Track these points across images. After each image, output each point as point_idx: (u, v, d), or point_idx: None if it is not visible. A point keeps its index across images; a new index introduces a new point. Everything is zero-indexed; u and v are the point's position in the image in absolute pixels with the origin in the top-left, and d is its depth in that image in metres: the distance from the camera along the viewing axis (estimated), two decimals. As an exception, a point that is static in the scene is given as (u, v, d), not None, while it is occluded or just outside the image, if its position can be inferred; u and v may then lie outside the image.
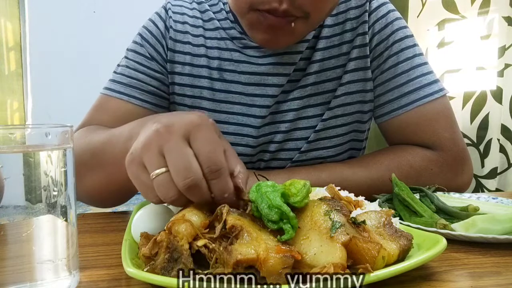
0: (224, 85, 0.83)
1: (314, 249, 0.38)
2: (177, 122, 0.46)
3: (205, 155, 0.45)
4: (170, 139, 0.45)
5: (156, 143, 0.45)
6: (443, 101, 0.82)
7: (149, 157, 0.45)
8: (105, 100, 0.83)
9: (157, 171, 0.45)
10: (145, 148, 0.46)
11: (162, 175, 0.44)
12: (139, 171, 0.47)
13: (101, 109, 0.83)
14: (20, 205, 0.37)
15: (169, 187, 0.44)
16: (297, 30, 0.72)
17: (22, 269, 0.37)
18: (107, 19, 2.55)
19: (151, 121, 0.49)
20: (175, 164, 0.44)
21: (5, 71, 2.64)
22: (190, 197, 0.45)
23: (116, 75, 0.84)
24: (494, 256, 0.48)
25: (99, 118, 0.81)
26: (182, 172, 0.44)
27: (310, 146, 0.84)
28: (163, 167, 0.45)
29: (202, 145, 0.45)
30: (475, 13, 1.84)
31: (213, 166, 0.44)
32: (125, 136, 0.57)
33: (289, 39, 0.75)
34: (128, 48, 0.86)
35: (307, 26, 0.73)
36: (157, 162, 0.45)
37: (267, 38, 0.73)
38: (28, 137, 0.39)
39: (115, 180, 0.63)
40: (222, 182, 0.45)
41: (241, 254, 0.37)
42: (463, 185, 0.82)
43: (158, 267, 0.39)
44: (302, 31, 0.74)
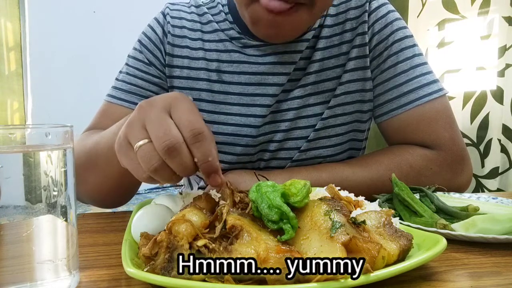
0: (222, 86, 0.83)
1: (314, 249, 0.38)
2: (158, 98, 0.49)
3: (186, 120, 0.46)
4: (151, 111, 0.47)
5: (138, 118, 0.47)
6: (443, 101, 0.82)
7: (132, 132, 0.47)
8: (108, 107, 0.85)
9: (139, 142, 0.46)
10: (128, 126, 0.48)
11: (144, 145, 0.46)
12: (127, 150, 0.48)
13: (104, 115, 0.85)
14: (20, 205, 0.37)
15: (151, 155, 0.45)
16: (301, 20, 0.72)
17: (22, 269, 0.37)
18: (107, 19, 2.55)
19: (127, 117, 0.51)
20: (156, 131, 0.45)
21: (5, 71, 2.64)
22: (171, 164, 0.45)
23: (117, 82, 0.86)
24: (494, 256, 0.48)
25: (102, 124, 0.83)
26: (161, 137, 0.45)
27: (309, 145, 0.84)
28: (145, 138, 0.46)
29: (183, 113, 0.46)
30: (475, 13, 1.84)
31: (194, 130, 0.45)
32: (113, 131, 0.60)
33: (293, 30, 0.75)
34: (129, 55, 0.88)
35: (310, 16, 0.72)
36: (139, 135, 0.46)
37: (270, 31, 0.73)
38: (28, 137, 0.39)
39: (109, 176, 0.65)
40: (205, 145, 0.46)
41: (241, 254, 0.37)
42: (463, 184, 0.82)
43: (158, 267, 0.39)
44: (306, 21, 0.74)
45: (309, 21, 0.76)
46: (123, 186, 0.70)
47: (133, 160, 0.48)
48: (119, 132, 0.50)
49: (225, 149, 0.84)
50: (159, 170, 0.46)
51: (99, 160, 0.65)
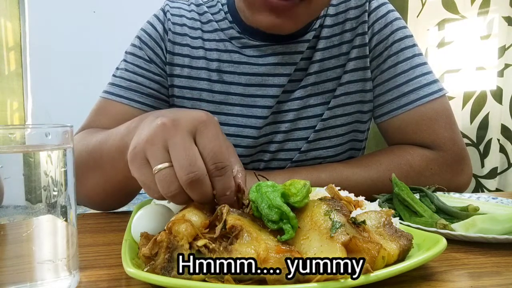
0: (223, 86, 0.83)
1: (314, 249, 0.38)
2: (184, 118, 0.46)
3: (211, 151, 0.44)
4: (176, 134, 0.44)
5: (161, 137, 0.45)
6: (443, 101, 0.82)
7: (153, 151, 0.45)
8: (105, 104, 0.83)
9: (160, 165, 0.44)
10: (149, 142, 0.45)
11: (165, 170, 0.44)
12: (142, 165, 0.46)
13: (101, 112, 0.83)
14: (20, 205, 0.37)
15: (171, 181, 0.44)
16: (299, 15, 0.72)
17: (22, 269, 0.37)
18: (107, 19, 2.55)
19: (153, 116, 0.49)
20: (180, 159, 0.44)
21: (5, 71, 2.63)
22: (191, 193, 0.44)
23: (115, 78, 0.84)
24: (494, 256, 0.48)
25: (99, 121, 0.81)
26: (186, 167, 0.43)
27: (310, 146, 0.84)
28: (166, 162, 0.44)
29: (209, 142, 0.45)
30: (475, 13, 1.84)
31: (219, 163, 0.44)
32: (122, 132, 0.57)
33: (292, 23, 0.75)
34: (126, 51, 0.86)
35: (309, 10, 0.73)
36: (161, 157, 0.44)
37: (271, 22, 0.72)
38: (28, 137, 0.39)
39: (112, 179, 0.64)
40: (226, 179, 0.45)
41: (241, 254, 0.37)
42: (463, 184, 0.82)
43: (158, 267, 0.39)
44: (305, 15, 0.74)
45: (308, 16, 0.76)
46: (125, 190, 0.69)
47: (147, 177, 0.46)
48: (134, 142, 0.47)
49: None
50: (177, 197, 0.45)
51: (103, 161, 0.63)
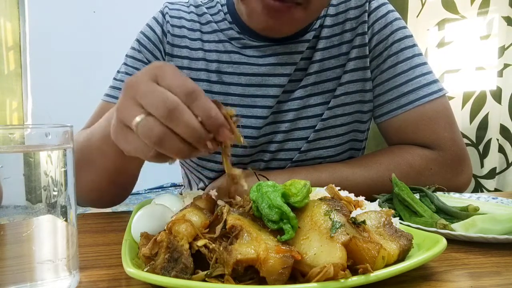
0: (223, 87, 0.83)
1: (314, 249, 0.38)
2: (140, 72, 0.46)
3: (176, 83, 0.44)
4: (139, 86, 0.44)
5: (128, 97, 0.45)
6: (443, 101, 0.82)
7: (127, 113, 0.45)
8: (106, 107, 0.83)
9: (137, 119, 0.44)
10: (121, 109, 0.45)
11: (142, 120, 0.43)
12: (124, 133, 0.46)
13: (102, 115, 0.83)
14: (20, 205, 0.37)
15: (152, 127, 0.43)
16: (297, 18, 0.72)
17: (22, 269, 0.37)
18: (107, 19, 2.55)
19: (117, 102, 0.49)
20: (152, 102, 0.43)
21: (4, 71, 2.63)
22: (177, 128, 0.43)
23: (116, 81, 0.85)
24: (494, 256, 0.48)
25: None
26: (160, 105, 0.42)
27: (310, 146, 0.84)
28: (141, 114, 0.44)
29: (171, 79, 0.44)
30: (474, 13, 1.84)
31: (187, 89, 0.43)
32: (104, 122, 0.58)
33: (289, 26, 0.75)
34: (127, 54, 0.87)
35: (306, 14, 0.72)
36: (135, 112, 0.44)
37: (268, 24, 0.72)
38: (28, 137, 0.39)
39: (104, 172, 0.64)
40: (202, 101, 0.44)
41: (241, 254, 0.37)
42: (463, 184, 0.82)
43: (158, 267, 0.39)
44: (302, 19, 0.74)
45: (305, 19, 0.76)
46: (119, 181, 0.69)
47: (134, 141, 0.45)
48: (112, 120, 0.48)
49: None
50: (166, 140, 0.43)
51: (92, 155, 0.63)
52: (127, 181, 0.72)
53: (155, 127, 0.43)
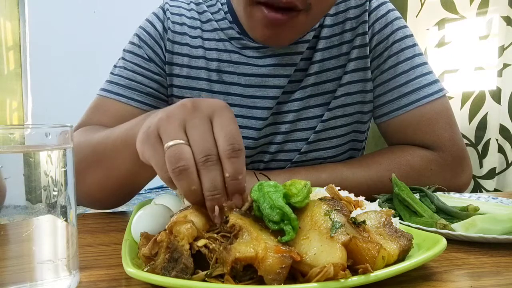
0: (223, 87, 0.83)
1: (314, 249, 0.38)
2: (203, 102, 0.46)
3: (229, 132, 0.43)
4: (195, 115, 0.44)
5: (179, 116, 0.44)
6: (443, 101, 0.82)
7: (169, 128, 0.44)
8: (103, 102, 0.82)
9: (173, 141, 0.43)
10: (165, 120, 0.44)
11: (177, 145, 0.42)
12: (154, 142, 0.45)
13: (99, 110, 0.82)
14: (20, 205, 0.37)
15: (181, 157, 0.42)
16: (298, 25, 0.71)
17: (22, 269, 0.37)
18: (107, 19, 2.55)
19: (166, 107, 0.48)
20: (196, 137, 0.43)
21: (4, 71, 2.63)
22: (203, 174, 0.42)
23: (113, 76, 0.83)
24: (494, 256, 0.48)
25: (97, 119, 0.80)
26: (202, 144, 0.42)
27: (310, 147, 0.84)
28: (180, 139, 0.43)
29: (227, 124, 0.44)
30: (474, 13, 1.84)
31: (235, 144, 0.43)
32: (127, 127, 0.57)
33: (290, 35, 0.74)
34: (125, 49, 0.85)
35: (308, 20, 0.72)
36: (175, 134, 0.43)
37: (268, 35, 0.72)
38: (28, 137, 0.39)
39: (115, 174, 0.63)
40: (240, 161, 0.43)
41: (239, 253, 0.37)
42: (463, 185, 0.82)
43: (158, 267, 0.39)
44: (304, 26, 0.73)
45: (307, 25, 0.75)
46: (127, 186, 0.68)
47: (159, 155, 0.44)
48: (148, 124, 0.46)
49: None
50: (184, 177, 0.42)
51: (106, 155, 0.62)
52: (134, 187, 0.71)
53: (182, 160, 0.42)
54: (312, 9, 0.69)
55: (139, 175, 0.63)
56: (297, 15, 0.69)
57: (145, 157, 0.47)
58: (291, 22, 0.69)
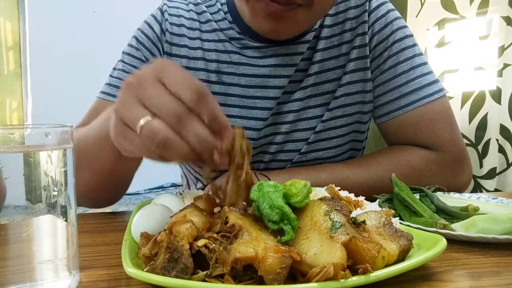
0: (222, 88, 0.83)
1: (314, 249, 0.38)
2: (144, 70, 0.44)
3: (184, 86, 0.42)
4: (144, 86, 0.42)
5: (131, 96, 0.43)
6: (443, 102, 0.82)
7: (128, 112, 0.42)
8: (102, 104, 0.82)
9: (141, 122, 0.41)
10: (122, 108, 0.43)
11: (148, 123, 0.41)
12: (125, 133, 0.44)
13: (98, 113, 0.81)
14: (20, 205, 0.37)
15: (157, 131, 0.41)
16: (299, 19, 0.71)
17: (22, 269, 0.37)
18: (107, 19, 2.55)
19: (116, 101, 0.46)
20: (158, 106, 0.41)
21: (4, 71, 2.64)
22: (183, 134, 0.41)
23: (112, 79, 0.83)
24: (494, 256, 0.48)
25: None
26: (166, 109, 0.41)
27: (310, 147, 0.84)
28: (145, 116, 0.42)
29: (176, 78, 0.42)
30: (474, 13, 1.84)
31: (194, 89, 0.42)
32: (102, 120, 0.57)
33: (292, 28, 0.74)
34: (123, 52, 0.85)
35: (309, 15, 0.72)
36: (139, 114, 0.42)
37: (270, 27, 0.72)
38: (28, 137, 0.39)
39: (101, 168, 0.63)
40: (209, 100, 0.42)
41: (239, 253, 0.37)
42: (463, 185, 0.82)
43: (158, 267, 0.39)
44: (305, 20, 0.73)
45: (308, 21, 0.76)
46: (115, 180, 0.68)
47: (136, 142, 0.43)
48: (112, 119, 0.46)
49: None
50: (171, 145, 0.41)
51: (88, 155, 0.62)
52: (123, 180, 0.71)
53: (161, 131, 0.41)
54: (313, 5, 0.70)
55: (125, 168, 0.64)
56: (297, 8, 0.69)
57: (125, 148, 0.46)
58: (291, 16, 0.70)
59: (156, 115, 0.41)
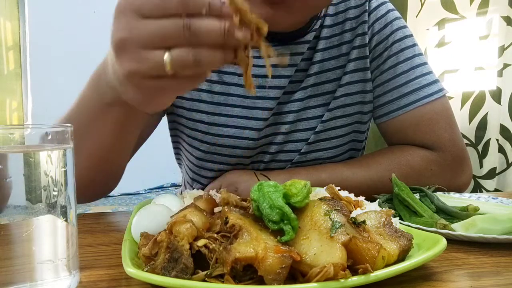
0: (223, 87, 0.82)
1: (314, 249, 0.38)
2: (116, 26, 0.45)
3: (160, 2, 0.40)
4: (135, 35, 0.42)
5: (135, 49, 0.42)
6: (443, 102, 0.82)
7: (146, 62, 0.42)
8: None
9: (165, 59, 0.40)
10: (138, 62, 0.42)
11: (172, 55, 0.40)
12: (148, 82, 0.43)
13: None
14: (20, 205, 0.37)
15: (185, 54, 0.40)
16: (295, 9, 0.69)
17: (22, 269, 0.37)
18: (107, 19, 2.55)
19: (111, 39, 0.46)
20: (162, 36, 0.40)
21: (4, 71, 2.64)
22: (202, 38, 0.40)
23: None
24: (494, 256, 0.48)
25: None
26: (171, 32, 0.40)
27: (310, 148, 0.84)
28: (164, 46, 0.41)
29: (148, 2, 0.41)
30: (474, 13, 1.84)
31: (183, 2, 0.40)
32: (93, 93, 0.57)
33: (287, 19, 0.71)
34: None
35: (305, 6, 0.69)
36: (156, 55, 0.41)
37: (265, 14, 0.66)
38: (28, 137, 0.39)
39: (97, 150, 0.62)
40: None
41: (239, 253, 0.37)
42: (463, 185, 0.82)
43: (158, 267, 0.39)
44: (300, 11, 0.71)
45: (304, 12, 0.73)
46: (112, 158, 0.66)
47: (164, 82, 0.42)
48: (121, 84, 0.45)
49: (226, 152, 0.83)
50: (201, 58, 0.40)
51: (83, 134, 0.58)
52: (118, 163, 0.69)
53: (187, 53, 0.40)
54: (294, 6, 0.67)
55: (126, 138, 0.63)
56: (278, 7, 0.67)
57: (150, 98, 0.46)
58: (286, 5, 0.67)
59: (168, 46, 0.41)
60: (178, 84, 0.44)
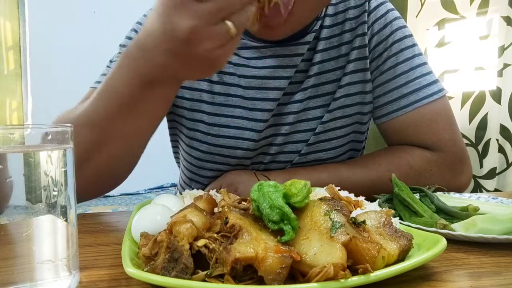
0: (223, 88, 0.82)
1: (314, 249, 0.38)
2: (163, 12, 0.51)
3: None
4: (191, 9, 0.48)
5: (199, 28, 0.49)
6: (443, 102, 0.82)
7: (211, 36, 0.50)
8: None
9: (229, 26, 0.49)
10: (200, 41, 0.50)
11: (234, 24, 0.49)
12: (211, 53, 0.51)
13: None
14: (20, 205, 0.37)
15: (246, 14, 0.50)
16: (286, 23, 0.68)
17: (22, 269, 0.37)
18: (107, 19, 2.55)
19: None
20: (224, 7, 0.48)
21: (4, 71, 2.64)
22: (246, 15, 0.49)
23: (108, 69, 0.82)
24: (494, 256, 0.48)
25: None
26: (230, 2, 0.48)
27: (310, 149, 0.84)
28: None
29: None
30: (474, 13, 1.84)
31: None
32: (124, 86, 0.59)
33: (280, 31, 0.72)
34: (121, 44, 0.84)
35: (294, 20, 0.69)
36: (218, 28, 0.49)
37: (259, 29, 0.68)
38: (28, 137, 0.39)
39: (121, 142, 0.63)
40: None
41: (239, 253, 0.37)
42: (463, 185, 0.82)
43: (158, 267, 0.39)
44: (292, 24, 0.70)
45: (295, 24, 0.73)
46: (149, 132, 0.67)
47: (228, 46, 0.51)
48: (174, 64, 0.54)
49: (226, 152, 0.83)
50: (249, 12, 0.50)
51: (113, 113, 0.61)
52: (144, 146, 0.69)
53: (246, 11, 0.49)
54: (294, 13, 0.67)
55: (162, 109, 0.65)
56: None
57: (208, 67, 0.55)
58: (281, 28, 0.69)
59: (224, 16, 0.49)
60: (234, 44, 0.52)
